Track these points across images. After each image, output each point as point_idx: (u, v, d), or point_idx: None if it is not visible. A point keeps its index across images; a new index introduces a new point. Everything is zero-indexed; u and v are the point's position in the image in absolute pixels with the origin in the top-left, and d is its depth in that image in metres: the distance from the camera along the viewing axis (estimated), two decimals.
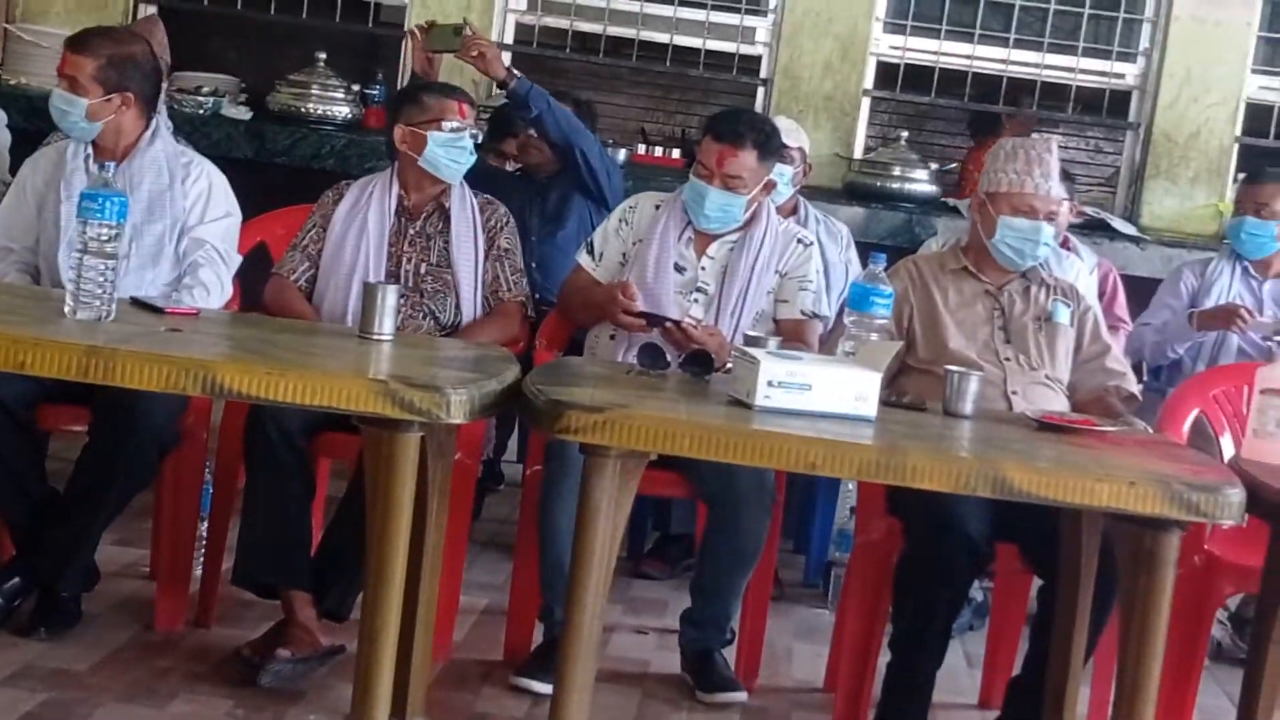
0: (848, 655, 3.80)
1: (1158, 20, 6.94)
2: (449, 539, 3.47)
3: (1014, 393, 3.88)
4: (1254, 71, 6.98)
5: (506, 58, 5.89)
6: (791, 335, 4.14)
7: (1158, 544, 2.95)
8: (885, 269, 3.64)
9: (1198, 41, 6.88)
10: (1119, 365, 4.06)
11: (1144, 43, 7.02)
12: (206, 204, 4.12)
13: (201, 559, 4.12)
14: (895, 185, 6.69)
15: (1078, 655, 3.44)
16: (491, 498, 5.55)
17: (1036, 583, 3.79)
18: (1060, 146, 7.89)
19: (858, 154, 6.93)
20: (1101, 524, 3.28)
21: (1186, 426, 4.16)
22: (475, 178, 4.43)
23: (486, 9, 6.82)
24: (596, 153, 5.25)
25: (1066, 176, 5.77)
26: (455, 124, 4.27)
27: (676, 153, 7.05)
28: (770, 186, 4.23)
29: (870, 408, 3.14)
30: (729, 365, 3.31)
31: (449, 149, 4.26)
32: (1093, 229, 6.58)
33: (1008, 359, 3.95)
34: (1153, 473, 2.94)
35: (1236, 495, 2.90)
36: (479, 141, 4.49)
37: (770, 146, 4.20)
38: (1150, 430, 3.78)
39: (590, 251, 4.31)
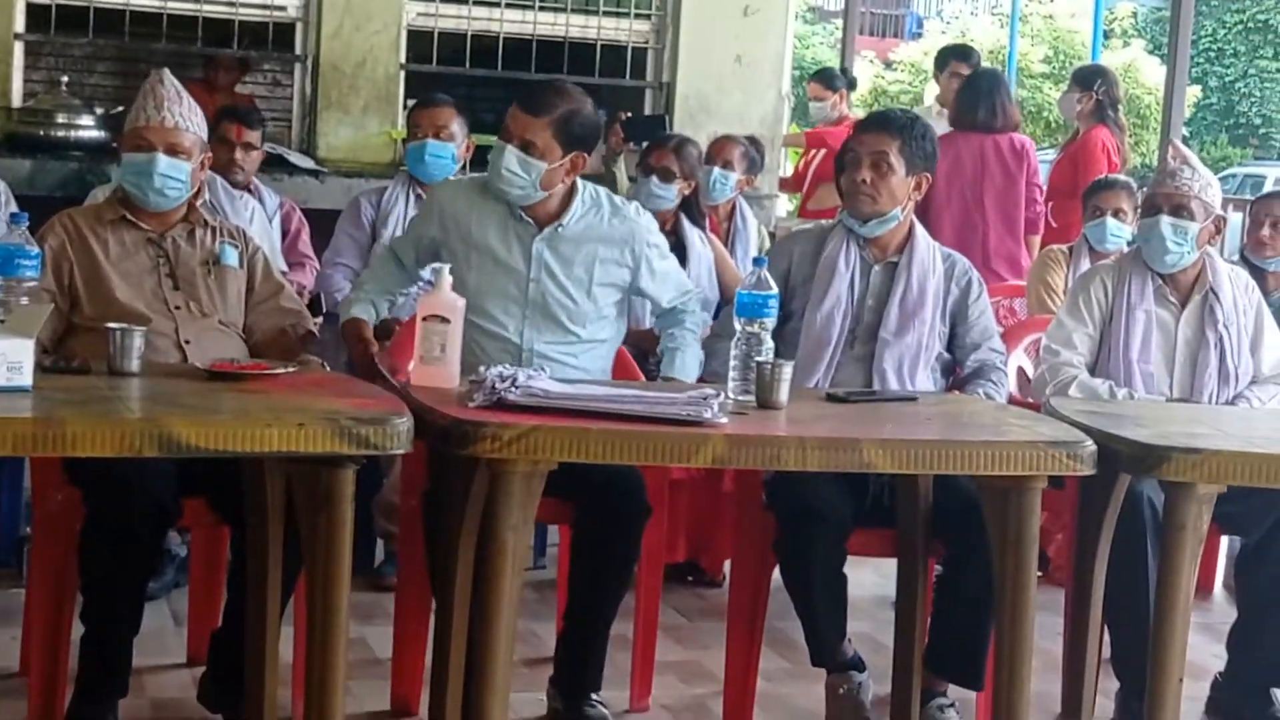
0: (39, 636, 3.60)
1: None
2: None
3: (187, 342, 3.78)
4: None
5: None
6: None
7: (334, 481, 2.97)
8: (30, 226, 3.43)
9: None
10: (293, 304, 4.05)
11: None
12: None
13: None
14: (61, 134, 6.41)
15: (274, 600, 3.41)
16: None
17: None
18: (244, 81, 7.87)
19: (16, 102, 6.56)
20: (285, 468, 3.24)
21: None
22: None
23: None
24: None
25: (251, 119, 5.71)
26: None
27: None
28: None
29: (26, 377, 2.96)
30: None
31: None
32: (271, 165, 6.55)
33: (178, 307, 3.84)
34: (322, 411, 2.95)
35: (404, 424, 2.95)
36: None
37: None
38: (328, 367, 3.79)
39: None
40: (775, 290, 3.55)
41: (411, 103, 6.12)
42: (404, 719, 3.84)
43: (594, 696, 3.80)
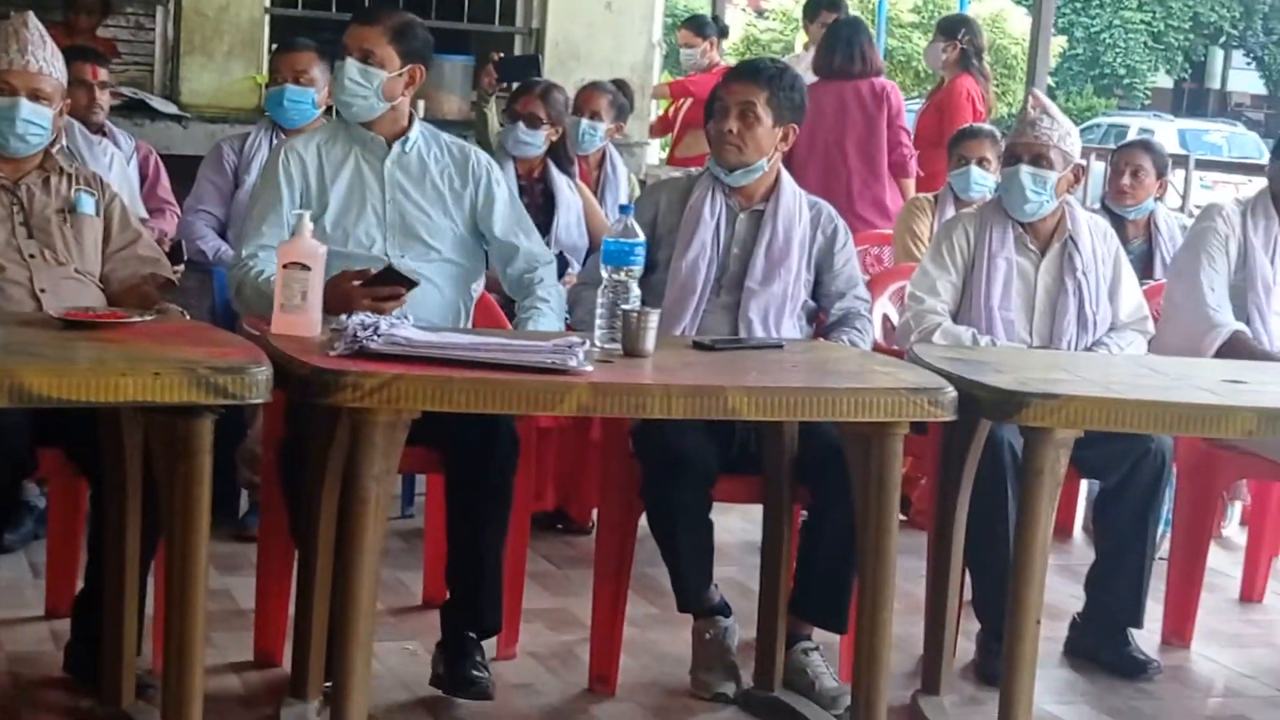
0: None
1: None
2: None
3: (42, 290, 3.70)
4: None
5: None
6: None
7: (191, 431, 2.92)
8: None
9: None
10: (152, 252, 3.97)
11: None
12: None
13: None
14: None
15: (133, 552, 3.35)
16: None
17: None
18: (105, 25, 7.70)
19: None
20: (142, 418, 3.19)
21: None
22: None
23: None
24: None
25: (103, 57, 5.59)
26: None
27: None
28: None
29: None
30: None
31: None
32: (133, 110, 6.43)
33: (32, 255, 3.75)
34: (179, 360, 2.90)
35: (263, 374, 2.91)
36: None
37: None
38: (188, 316, 3.73)
39: None
40: (642, 238, 3.55)
41: (274, 47, 6.02)
42: (267, 670, 3.80)
43: (479, 659, 3.73)
